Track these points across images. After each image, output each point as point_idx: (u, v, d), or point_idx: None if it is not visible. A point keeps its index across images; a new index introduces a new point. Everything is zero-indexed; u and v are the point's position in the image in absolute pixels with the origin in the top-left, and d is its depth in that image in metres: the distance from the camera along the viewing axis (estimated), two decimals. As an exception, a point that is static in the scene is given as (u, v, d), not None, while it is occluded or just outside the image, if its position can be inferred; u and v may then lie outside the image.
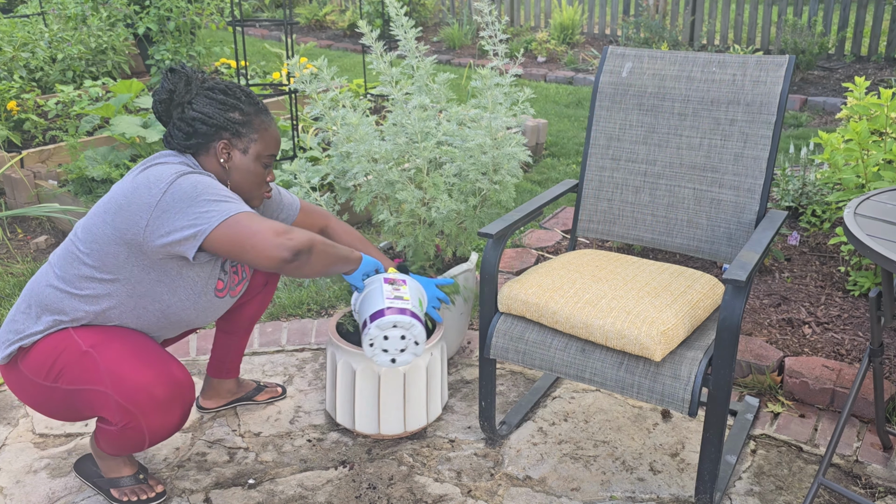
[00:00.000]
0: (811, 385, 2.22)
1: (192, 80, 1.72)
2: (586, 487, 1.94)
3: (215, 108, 1.70)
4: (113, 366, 1.63)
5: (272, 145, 1.78)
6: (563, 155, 4.78)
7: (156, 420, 1.65)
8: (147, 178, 1.61)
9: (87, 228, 1.67)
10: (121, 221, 1.61)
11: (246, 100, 1.75)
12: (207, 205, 1.57)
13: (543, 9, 8.73)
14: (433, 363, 2.11)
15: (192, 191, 1.57)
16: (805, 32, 6.71)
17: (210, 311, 1.79)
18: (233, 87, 1.75)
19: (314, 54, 8.42)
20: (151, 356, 1.67)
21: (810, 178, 3.22)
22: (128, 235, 1.60)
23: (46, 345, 1.66)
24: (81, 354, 1.64)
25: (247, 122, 1.73)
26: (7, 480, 1.97)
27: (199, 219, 1.56)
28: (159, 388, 1.63)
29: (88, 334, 1.67)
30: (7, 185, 3.83)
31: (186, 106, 1.71)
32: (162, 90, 1.71)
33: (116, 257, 1.63)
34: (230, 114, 1.72)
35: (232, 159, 1.73)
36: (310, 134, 3.97)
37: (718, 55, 2.14)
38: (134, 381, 1.62)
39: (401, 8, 2.33)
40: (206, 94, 1.72)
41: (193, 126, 1.69)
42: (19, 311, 1.71)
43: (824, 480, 1.74)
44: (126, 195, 1.61)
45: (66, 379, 1.65)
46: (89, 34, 5.56)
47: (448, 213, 2.26)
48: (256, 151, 1.75)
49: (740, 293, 1.61)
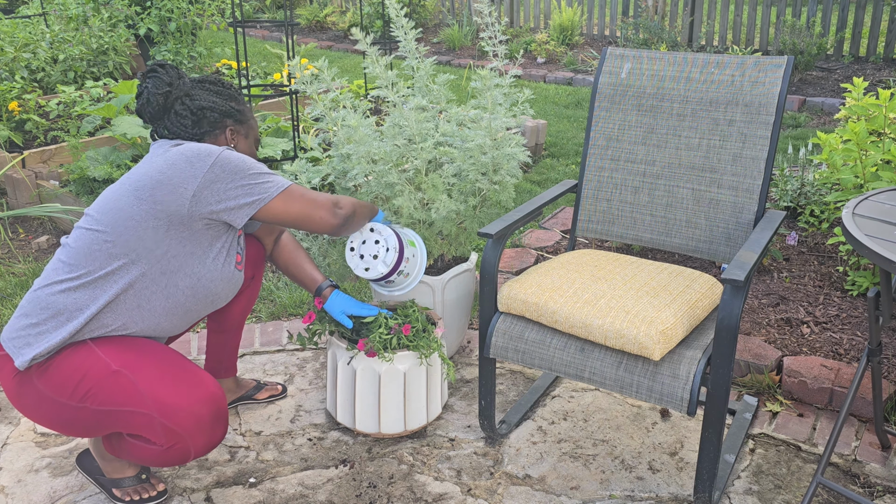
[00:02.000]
0: (810, 384, 2.23)
1: (182, 74, 1.83)
2: (585, 486, 1.95)
3: (218, 97, 1.83)
4: (152, 387, 1.61)
5: (257, 131, 1.97)
6: (562, 155, 4.79)
7: (201, 440, 1.65)
8: (184, 153, 1.66)
9: (110, 210, 1.65)
10: (162, 194, 1.63)
11: (233, 90, 1.88)
12: (260, 177, 1.70)
13: (543, 10, 8.74)
14: (433, 362, 2.12)
15: (241, 163, 1.68)
16: (804, 33, 6.72)
17: (232, 284, 1.81)
18: (219, 80, 1.88)
19: (315, 55, 8.43)
20: (185, 373, 1.66)
21: (809, 179, 3.23)
22: (171, 207, 1.63)
23: (69, 362, 1.62)
24: (112, 374, 1.62)
25: (243, 109, 1.88)
26: (8, 479, 1.98)
27: (256, 189, 1.69)
28: (203, 409, 1.63)
29: (114, 351, 1.64)
30: (8, 185, 3.84)
31: (185, 98, 1.80)
32: (160, 83, 1.77)
33: (155, 232, 1.64)
34: (231, 102, 1.85)
35: (238, 145, 1.87)
36: (310, 134, 3.98)
37: (717, 56, 2.15)
38: (177, 403, 1.61)
39: (401, 9, 2.34)
40: (201, 86, 1.83)
41: (203, 114, 1.79)
42: (29, 325, 1.64)
43: (823, 479, 1.75)
44: (162, 171, 1.65)
45: (97, 400, 1.62)
46: (91, 35, 5.57)
47: (448, 214, 2.27)
48: (254, 137, 1.93)
49: (739, 293, 1.61)
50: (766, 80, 2.05)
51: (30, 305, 1.66)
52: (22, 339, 1.64)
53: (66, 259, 1.66)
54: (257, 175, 1.69)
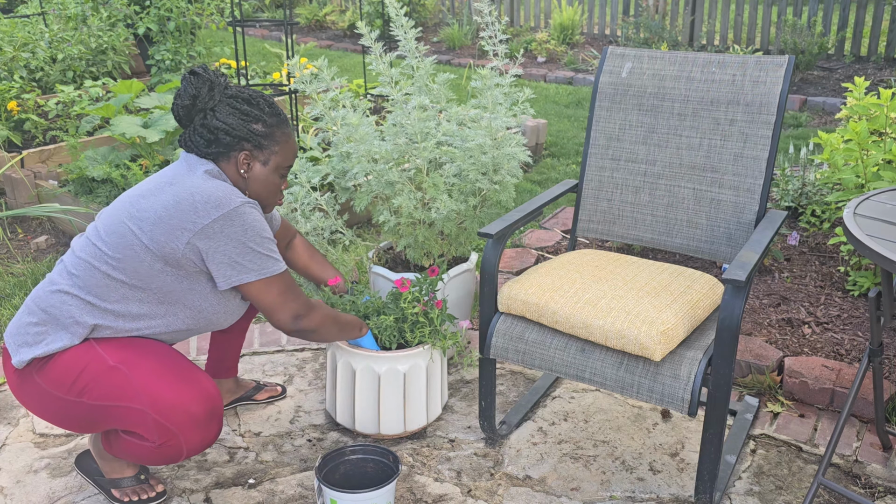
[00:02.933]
0: (811, 385, 2.22)
1: (216, 85, 1.70)
2: (586, 487, 1.94)
3: (238, 118, 1.70)
4: (147, 383, 1.62)
5: (291, 157, 1.79)
6: (562, 155, 4.79)
7: (195, 437, 1.65)
8: (193, 195, 1.61)
9: (115, 233, 1.65)
10: (159, 233, 1.61)
11: (269, 111, 1.74)
12: (251, 255, 1.65)
13: (543, 9, 8.73)
14: (433, 363, 2.11)
15: (241, 234, 1.63)
16: (805, 33, 6.71)
17: (236, 312, 1.81)
18: (256, 97, 1.74)
19: (314, 54, 8.42)
20: (182, 371, 1.67)
21: (810, 179, 3.23)
22: (166, 249, 1.61)
23: (68, 357, 1.64)
24: (109, 370, 1.63)
25: (269, 133, 1.73)
26: (7, 480, 1.97)
27: (239, 267, 1.64)
28: (196, 406, 1.63)
29: (113, 348, 1.65)
30: (7, 185, 3.84)
31: (209, 113, 1.70)
32: (185, 94, 1.69)
33: (151, 267, 1.63)
34: (253, 125, 1.71)
35: (252, 170, 1.74)
36: (310, 134, 3.98)
37: (718, 55, 2.14)
38: (170, 399, 1.62)
39: (401, 8, 2.33)
40: (229, 103, 1.70)
41: (216, 135, 1.69)
42: (31, 324, 1.67)
43: (824, 480, 1.74)
44: (167, 208, 1.61)
45: (93, 394, 1.63)
46: (89, 34, 5.56)
47: (448, 214, 2.26)
48: (276, 163, 1.76)
49: (740, 293, 1.61)
50: (767, 80, 2.04)
51: (33, 303, 1.70)
52: (21, 338, 1.68)
53: (72, 269, 1.68)
54: (249, 252, 1.64)
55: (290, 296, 1.72)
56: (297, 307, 1.73)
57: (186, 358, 1.73)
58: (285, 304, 1.71)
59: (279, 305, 1.70)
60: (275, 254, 1.69)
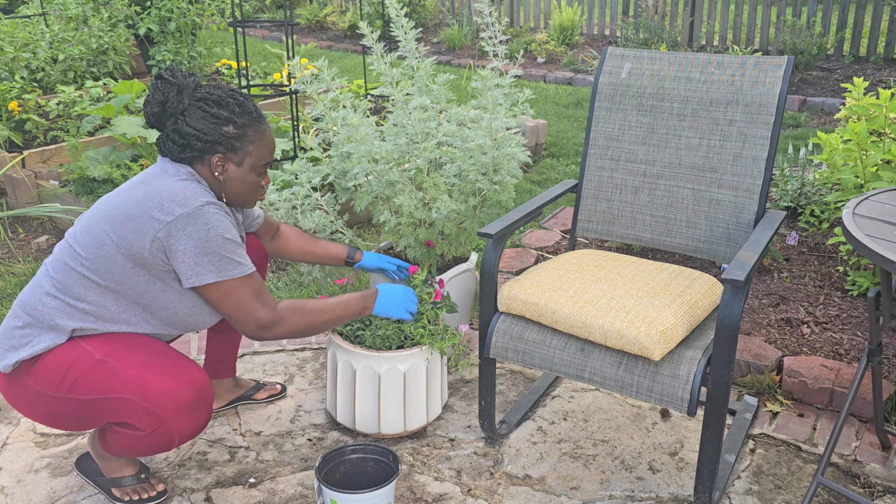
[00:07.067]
0: (810, 384, 2.23)
1: (184, 87, 1.67)
2: (585, 486, 1.95)
3: (209, 122, 1.67)
4: (134, 373, 1.63)
5: (267, 154, 1.77)
6: (562, 155, 4.79)
7: (185, 423, 1.66)
8: (161, 193, 1.61)
9: (89, 233, 1.66)
10: (128, 231, 1.61)
11: (240, 111, 1.71)
12: (210, 255, 1.62)
13: (543, 10, 8.74)
14: (433, 363, 2.11)
15: (204, 234, 1.60)
16: (804, 33, 6.72)
17: (215, 313, 1.80)
18: (226, 98, 1.70)
19: (315, 55, 8.43)
20: (168, 360, 1.67)
21: (809, 179, 3.23)
22: (133, 248, 1.61)
23: (55, 355, 1.65)
24: (97, 363, 1.64)
25: (241, 135, 1.71)
26: (8, 480, 1.98)
27: (198, 267, 1.62)
28: (185, 393, 1.64)
29: (99, 343, 1.66)
30: (8, 185, 3.84)
31: (179, 117, 1.68)
32: (153, 100, 1.67)
33: (123, 267, 1.64)
34: (224, 128, 1.69)
35: (227, 172, 1.72)
36: (310, 134, 3.98)
37: (717, 56, 2.14)
38: (159, 387, 1.62)
39: (401, 9, 2.34)
40: (199, 106, 1.68)
41: (188, 140, 1.67)
42: (16, 327, 1.68)
43: (823, 479, 1.74)
44: (137, 205, 1.62)
45: (83, 389, 1.64)
46: (90, 35, 5.57)
47: (448, 214, 2.27)
48: (252, 163, 1.74)
49: (739, 293, 1.61)
50: (766, 80, 2.04)
51: (18, 308, 1.71)
52: (7, 342, 1.69)
53: (52, 271, 1.69)
54: (210, 252, 1.61)
55: (254, 305, 1.67)
56: (262, 317, 1.68)
57: (173, 349, 1.73)
58: (248, 314, 1.67)
59: (241, 316, 1.67)
60: (238, 257, 1.66)
